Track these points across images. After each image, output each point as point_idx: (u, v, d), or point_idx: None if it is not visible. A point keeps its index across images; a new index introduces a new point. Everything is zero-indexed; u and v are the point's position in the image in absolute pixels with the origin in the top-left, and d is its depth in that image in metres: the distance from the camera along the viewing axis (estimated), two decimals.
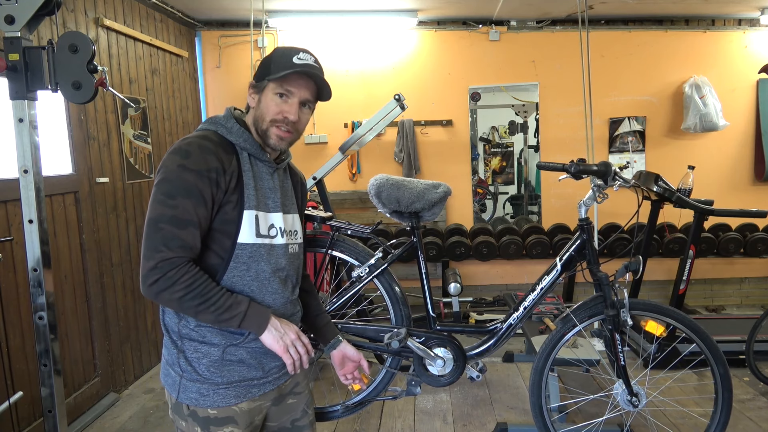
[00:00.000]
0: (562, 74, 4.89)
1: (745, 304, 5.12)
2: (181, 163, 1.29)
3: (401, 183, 2.17)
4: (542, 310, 3.53)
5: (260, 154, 1.43)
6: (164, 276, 1.25)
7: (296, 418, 1.58)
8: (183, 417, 1.39)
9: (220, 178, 1.32)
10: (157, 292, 1.27)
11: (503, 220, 5.18)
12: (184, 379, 1.38)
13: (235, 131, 1.40)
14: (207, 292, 1.29)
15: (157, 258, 1.25)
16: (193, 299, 1.28)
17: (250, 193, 1.37)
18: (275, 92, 1.42)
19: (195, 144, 1.32)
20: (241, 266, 1.37)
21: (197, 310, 1.30)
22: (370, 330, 2.15)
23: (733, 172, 5.04)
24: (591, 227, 2.22)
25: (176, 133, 4.28)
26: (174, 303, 1.29)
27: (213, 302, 1.30)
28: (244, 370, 1.40)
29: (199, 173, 1.29)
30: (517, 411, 3.09)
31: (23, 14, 1.71)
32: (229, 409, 1.39)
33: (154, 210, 1.28)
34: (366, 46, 4.87)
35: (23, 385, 2.58)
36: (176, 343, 1.39)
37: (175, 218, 1.27)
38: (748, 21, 4.92)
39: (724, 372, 2.22)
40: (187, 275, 1.27)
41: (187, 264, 1.28)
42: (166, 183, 1.29)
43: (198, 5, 4.31)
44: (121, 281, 3.51)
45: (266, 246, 1.41)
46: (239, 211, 1.35)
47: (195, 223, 1.29)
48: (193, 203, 1.28)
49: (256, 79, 1.44)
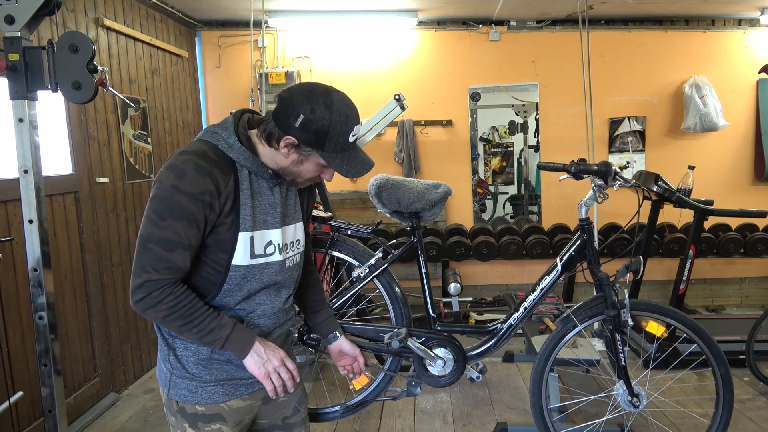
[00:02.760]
0: (562, 74, 4.89)
1: (745, 304, 5.12)
2: (174, 183, 1.25)
3: (401, 183, 2.17)
4: (542, 310, 3.53)
5: (261, 172, 1.36)
6: (149, 296, 1.27)
7: (287, 415, 1.58)
8: (173, 413, 1.43)
9: (214, 201, 1.28)
10: (142, 309, 1.29)
11: (503, 220, 5.18)
12: (174, 375, 1.40)
13: (236, 149, 1.33)
14: (191, 314, 1.30)
15: (143, 278, 1.26)
16: (176, 320, 1.30)
17: (247, 213, 1.34)
18: (321, 163, 1.35)
19: (191, 162, 1.26)
20: (234, 287, 1.37)
21: (180, 330, 1.33)
22: (370, 330, 2.15)
23: (733, 172, 5.04)
24: (592, 227, 2.22)
25: (176, 133, 4.28)
26: (158, 320, 1.33)
27: (196, 324, 1.31)
28: (231, 369, 1.41)
29: (192, 196, 1.25)
30: (517, 411, 3.09)
31: (23, 14, 1.71)
32: (217, 407, 1.40)
33: (145, 228, 1.28)
34: (366, 46, 4.87)
35: (23, 385, 2.58)
36: (167, 341, 1.41)
37: (164, 240, 1.26)
38: (748, 21, 4.91)
39: (725, 372, 2.22)
40: (171, 296, 1.28)
41: (172, 285, 1.29)
42: (159, 201, 1.27)
43: (198, 5, 4.30)
44: (121, 281, 3.51)
45: (261, 266, 1.39)
46: (234, 232, 1.33)
47: (185, 245, 1.28)
48: (184, 226, 1.26)
49: (303, 143, 1.30)
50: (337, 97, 1.31)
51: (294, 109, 1.28)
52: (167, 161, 1.31)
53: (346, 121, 1.31)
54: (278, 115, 1.31)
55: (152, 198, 1.29)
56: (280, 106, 1.31)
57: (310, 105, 1.28)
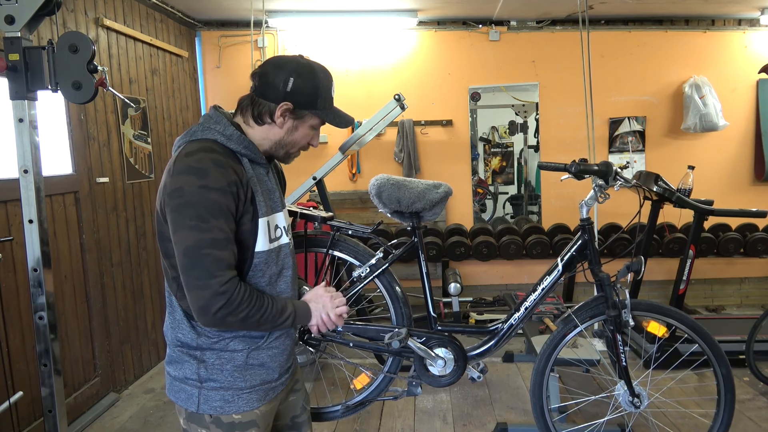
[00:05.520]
0: (562, 74, 4.89)
1: (745, 304, 5.12)
2: (202, 183, 1.24)
3: (402, 183, 2.17)
4: (543, 310, 3.53)
5: (258, 158, 1.41)
6: (229, 300, 1.24)
7: (296, 414, 1.61)
8: (204, 425, 1.38)
9: (239, 190, 1.30)
10: (222, 317, 1.25)
11: (503, 220, 5.18)
12: (204, 389, 1.37)
13: (235, 139, 1.35)
14: (263, 305, 1.32)
15: (215, 284, 1.23)
16: (255, 314, 1.29)
17: (260, 200, 1.37)
18: (313, 125, 1.44)
19: (208, 160, 1.27)
20: (258, 273, 1.38)
21: (259, 323, 1.32)
22: (371, 330, 2.15)
23: (733, 172, 5.04)
24: (592, 227, 2.22)
25: (176, 133, 4.27)
26: (238, 323, 1.29)
27: (270, 312, 1.32)
28: (264, 373, 1.42)
29: (222, 191, 1.26)
30: (517, 411, 3.09)
31: (23, 14, 1.71)
32: (252, 413, 1.40)
33: (190, 237, 1.23)
34: (366, 46, 4.87)
35: (23, 385, 2.58)
36: (195, 356, 1.37)
37: (215, 241, 1.24)
38: (748, 21, 4.91)
39: (727, 372, 2.22)
40: (246, 293, 1.28)
41: (240, 282, 1.28)
42: (192, 207, 1.24)
43: (198, 5, 4.30)
44: (121, 281, 3.51)
45: (276, 249, 1.42)
46: (255, 220, 1.35)
47: (231, 240, 1.29)
48: (225, 221, 1.27)
49: (298, 106, 1.39)
50: (310, 61, 1.43)
51: (280, 79, 1.37)
52: (175, 168, 1.28)
53: (328, 77, 1.45)
54: (264, 91, 1.38)
55: (182, 206, 1.25)
56: (262, 82, 1.39)
57: (294, 71, 1.38)
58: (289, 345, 1.49)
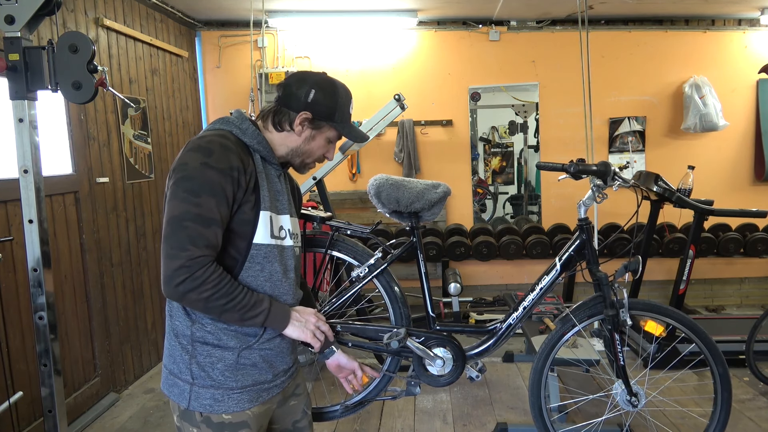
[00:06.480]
0: (562, 74, 4.89)
1: (745, 304, 5.12)
2: (204, 161, 1.28)
3: (401, 183, 2.17)
4: (542, 310, 3.53)
5: (271, 158, 1.44)
6: (192, 276, 1.24)
7: (297, 419, 1.60)
8: (195, 424, 1.38)
9: (241, 177, 1.31)
10: (184, 292, 1.25)
11: (503, 220, 5.18)
12: (195, 386, 1.36)
13: (249, 133, 1.40)
14: (232, 291, 1.30)
15: (183, 257, 1.23)
16: (219, 299, 1.28)
17: (265, 194, 1.38)
18: (330, 137, 1.50)
19: (216, 142, 1.31)
20: (256, 266, 1.38)
21: (223, 309, 1.30)
22: (370, 330, 2.15)
23: (733, 172, 5.04)
24: (591, 227, 2.22)
25: (176, 133, 4.28)
26: (200, 303, 1.28)
27: (238, 301, 1.30)
28: (256, 373, 1.41)
29: (222, 172, 1.28)
30: (517, 411, 3.09)
31: (23, 14, 1.71)
32: (243, 414, 1.39)
33: (177, 207, 1.26)
34: (366, 46, 4.87)
35: (23, 385, 2.58)
36: (187, 349, 1.37)
37: (200, 216, 1.26)
38: (748, 21, 4.92)
39: (724, 372, 2.22)
40: (214, 275, 1.27)
41: (213, 263, 1.28)
42: (189, 180, 1.27)
43: (198, 5, 4.31)
44: (121, 281, 3.51)
45: (278, 247, 1.42)
46: (256, 211, 1.36)
47: (218, 222, 1.29)
48: (217, 201, 1.28)
49: (317, 117, 1.45)
50: (333, 78, 1.52)
51: (303, 90, 1.44)
52: (185, 147, 1.34)
53: (348, 94, 1.52)
54: (287, 100, 1.45)
55: (180, 179, 1.28)
56: (286, 92, 1.46)
57: (316, 84, 1.45)
58: (286, 347, 1.48)
